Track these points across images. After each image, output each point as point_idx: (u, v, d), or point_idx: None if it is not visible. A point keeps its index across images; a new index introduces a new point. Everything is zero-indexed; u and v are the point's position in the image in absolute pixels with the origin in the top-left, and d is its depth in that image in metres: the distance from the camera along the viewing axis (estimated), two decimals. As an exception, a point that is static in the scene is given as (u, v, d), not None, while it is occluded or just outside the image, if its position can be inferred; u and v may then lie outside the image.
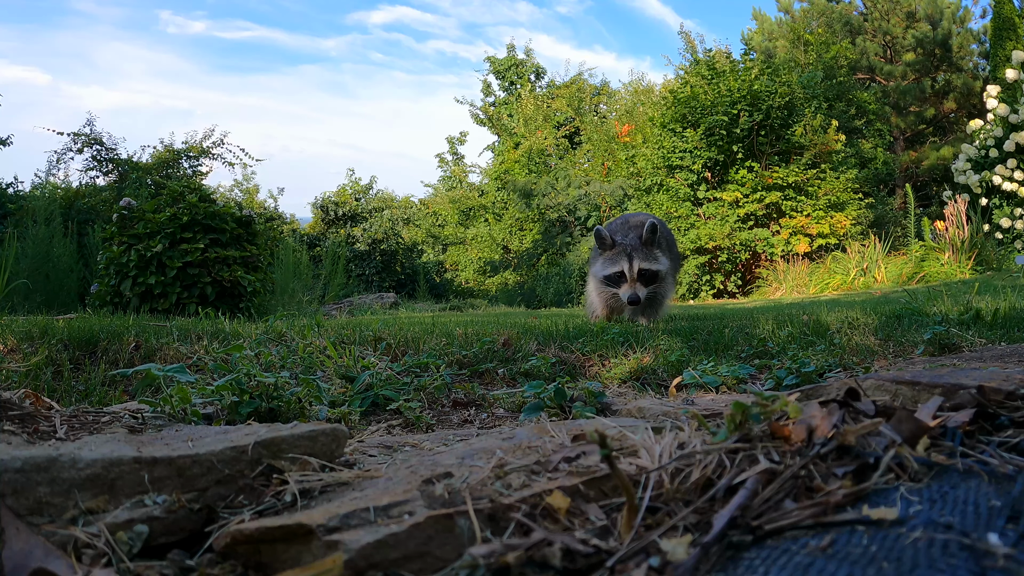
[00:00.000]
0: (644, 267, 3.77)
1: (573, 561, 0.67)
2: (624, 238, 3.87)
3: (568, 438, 1.01)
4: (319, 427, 1.04)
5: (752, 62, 14.56)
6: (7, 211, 9.20)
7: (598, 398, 1.86)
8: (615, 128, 19.56)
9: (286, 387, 1.71)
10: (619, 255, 3.80)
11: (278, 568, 0.75)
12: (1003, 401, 0.92)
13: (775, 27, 21.16)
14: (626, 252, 3.79)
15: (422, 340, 2.77)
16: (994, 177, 11.07)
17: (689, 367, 2.38)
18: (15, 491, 0.80)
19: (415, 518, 0.74)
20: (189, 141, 12.97)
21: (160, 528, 0.83)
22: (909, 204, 11.17)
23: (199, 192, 5.98)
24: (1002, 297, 3.73)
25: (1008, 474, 0.74)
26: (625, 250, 3.80)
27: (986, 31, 18.01)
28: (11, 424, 1.36)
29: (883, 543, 0.63)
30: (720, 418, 1.33)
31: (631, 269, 3.75)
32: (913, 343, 2.72)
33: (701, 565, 0.63)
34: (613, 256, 3.83)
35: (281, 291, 6.97)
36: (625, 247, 3.81)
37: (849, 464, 0.78)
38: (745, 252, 12.76)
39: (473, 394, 2.09)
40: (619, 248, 3.83)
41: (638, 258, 3.77)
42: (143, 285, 5.27)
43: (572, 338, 2.91)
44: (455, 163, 24.04)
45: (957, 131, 19.02)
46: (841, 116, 15.88)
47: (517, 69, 23.47)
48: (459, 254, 20.49)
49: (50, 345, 2.36)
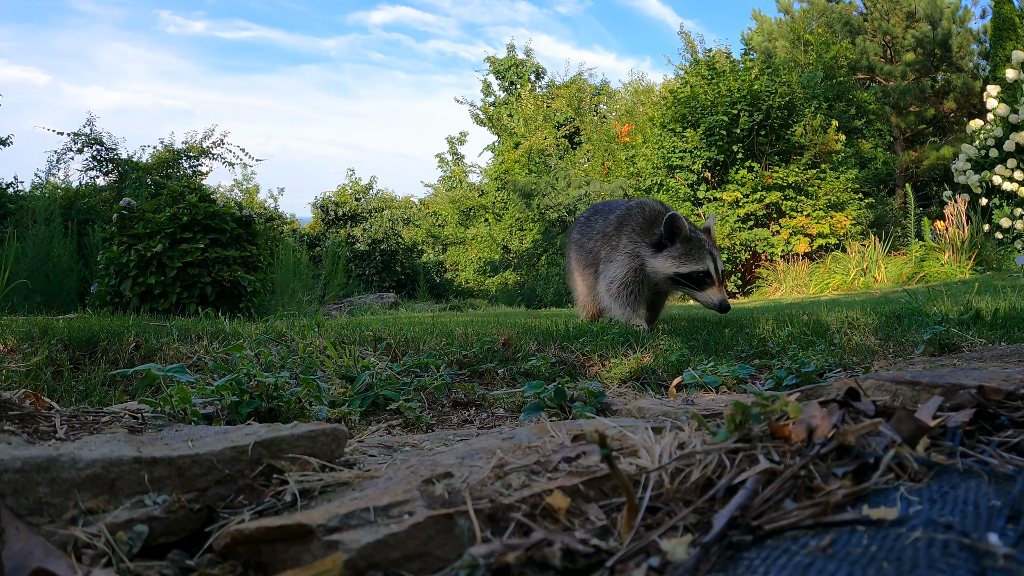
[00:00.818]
0: (722, 268, 3.37)
1: (573, 561, 0.67)
2: (694, 232, 3.39)
3: (568, 438, 1.01)
4: (319, 427, 1.04)
5: (752, 62, 14.57)
6: (7, 211, 9.20)
7: (598, 398, 1.86)
8: (615, 128, 19.57)
9: (286, 387, 1.71)
10: (699, 250, 3.30)
11: (278, 568, 0.75)
12: (1003, 401, 0.92)
13: (775, 27, 21.17)
14: (708, 249, 3.30)
15: (422, 340, 2.77)
16: (994, 177, 11.08)
17: (689, 367, 2.38)
18: (15, 491, 0.80)
19: (415, 518, 0.74)
20: (189, 141, 12.98)
21: (160, 528, 0.83)
22: (909, 204, 11.17)
23: (199, 192, 5.98)
24: (1002, 297, 3.74)
25: (1008, 474, 0.74)
26: (705, 246, 3.31)
27: (986, 31, 18.01)
28: (11, 424, 1.36)
29: (883, 543, 0.63)
30: (720, 418, 1.33)
31: (717, 270, 3.30)
32: (913, 343, 2.72)
33: (701, 565, 0.63)
34: (691, 251, 3.30)
35: (281, 291, 6.97)
36: (704, 243, 3.33)
37: (849, 464, 0.78)
38: (745, 252, 12.76)
39: (473, 394, 2.09)
40: (697, 242, 3.32)
41: (719, 257, 3.35)
42: (143, 285, 5.27)
43: (572, 338, 2.91)
44: (455, 163, 24.03)
45: (957, 131, 19.02)
46: (841, 116, 15.89)
47: (517, 69, 23.47)
48: (459, 254, 20.49)
49: (50, 345, 2.36)
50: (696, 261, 3.30)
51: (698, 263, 3.29)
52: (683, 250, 3.31)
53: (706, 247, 3.30)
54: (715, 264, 3.29)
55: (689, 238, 3.32)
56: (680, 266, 3.31)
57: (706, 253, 3.29)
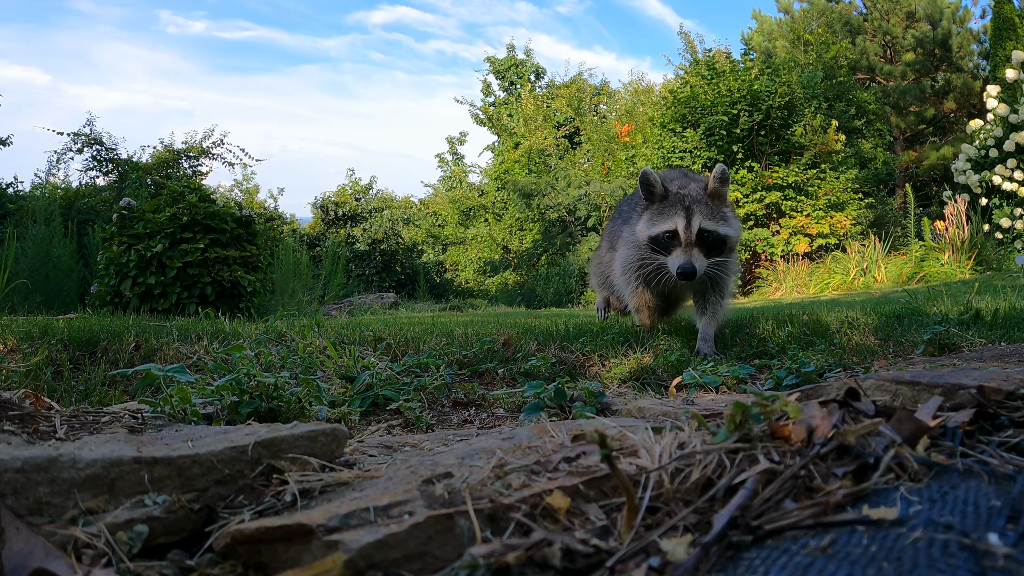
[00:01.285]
0: (707, 227, 2.69)
1: (573, 561, 0.67)
2: (681, 188, 2.81)
3: (568, 438, 1.01)
4: (319, 427, 1.04)
5: (752, 62, 14.56)
6: (7, 211, 9.20)
7: (598, 398, 1.87)
8: (615, 128, 19.56)
9: (286, 387, 1.71)
10: (672, 207, 2.73)
11: (278, 568, 0.75)
12: (1003, 401, 0.92)
13: (775, 27, 21.16)
14: (683, 204, 2.71)
15: (422, 340, 2.78)
16: (994, 177, 11.07)
17: (689, 367, 2.38)
18: (15, 491, 0.80)
19: (415, 518, 0.74)
20: (189, 141, 12.98)
21: (160, 528, 0.83)
22: (909, 204, 11.17)
23: (199, 192, 5.98)
24: (1002, 297, 3.73)
25: (1008, 474, 0.74)
26: (682, 201, 2.72)
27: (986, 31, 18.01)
28: (11, 424, 1.36)
29: (883, 543, 0.63)
30: (720, 418, 1.33)
31: (689, 227, 2.67)
32: (913, 343, 2.72)
33: (701, 565, 0.63)
34: (663, 209, 2.75)
35: (281, 291, 6.97)
36: (682, 197, 2.74)
37: (849, 464, 0.78)
38: (745, 252, 12.75)
39: (473, 394, 2.09)
40: (673, 199, 2.75)
41: (700, 213, 2.69)
42: (143, 285, 5.27)
43: (572, 338, 2.91)
44: (455, 163, 24.02)
45: (957, 131, 19.02)
46: (841, 116, 15.88)
47: (517, 69, 23.46)
48: (459, 254, 20.49)
49: (50, 345, 2.36)
50: (665, 219, 2.71)
51: (665, 221, 2.70)
52: (657, 210, 2.77)
53: (684, 203, 2.71)
54: (687, 221, 2.67)
55: (665, 195, 2.77)
56: (650, 228, 2.76)
57: (679, 209, 2.69)
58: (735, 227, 2.82)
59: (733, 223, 2.82)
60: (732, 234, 2.78)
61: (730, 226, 2.78)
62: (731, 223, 2.80)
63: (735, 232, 2.81)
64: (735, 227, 2.82)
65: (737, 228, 2.84)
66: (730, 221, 2.80)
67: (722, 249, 2.77)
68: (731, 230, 2.78)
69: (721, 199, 2.79)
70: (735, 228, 2.82)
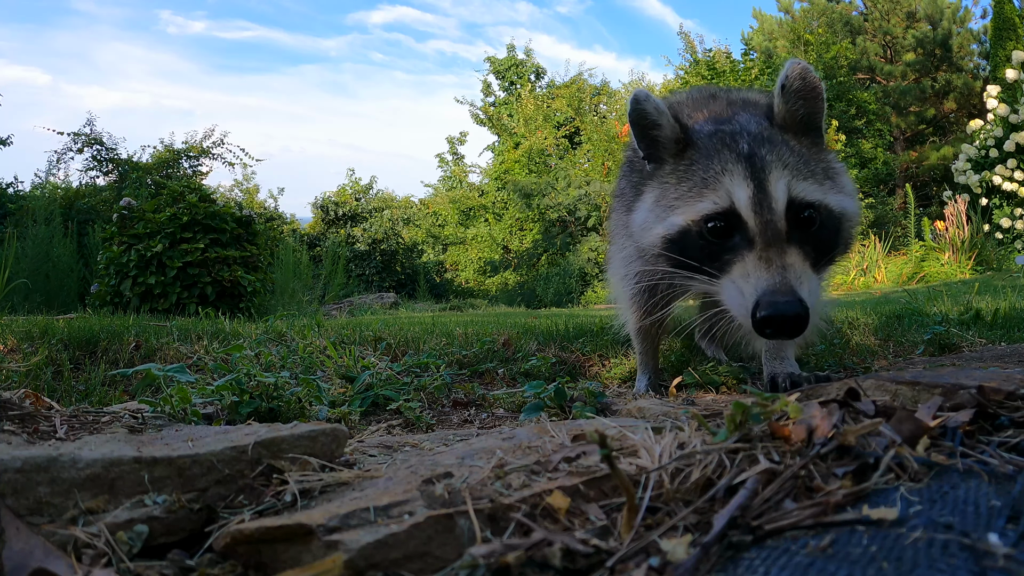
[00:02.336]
0: (806, 194, 1.44)
1: (573, 561, 0.67)
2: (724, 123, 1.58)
3: (568, 438, 1.01)
4: (319, 427, 1.04)
5: (752, 62, 14.57)
6: (7, 211, 9.21)
7: (598, 398, 1.86)
8: (615, 128, 19.54)
9: (286, 387, 1.71)
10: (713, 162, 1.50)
11: (278, 568, 0.75)
12: (1003, 401, 0.92)
13: (775, 27, 21.16)
14: (737, 150, 1.48)
15: (422, 340, 2.78)
16: (994, 177, 11.07)
17: (689, 367, 2.38)
18: (15, 491, 0.80)
19: (415, 518, 0.74)
20: (189, 141, 12.98)
21: (160, 528, 0.83)
22: (909, 204, 11.17)
23: (199, 192, 5.98)
24: (1002, 297, 3.73)
25: (1008, 474, 0.74)
26: (734, 145, 1.49)
27: (986, 31, 18.00)
28: (11, 424, 1.36)
29: (883, 543, 0.63)
30: (720, 418, 1.33)
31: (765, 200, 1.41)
32: (913, 343, 2.72)
33: (701, 565, 0.63)
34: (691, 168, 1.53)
35: (281, 291, 6.97)
36: (733, 137, 1.51)
37: (849, 464, 0.78)
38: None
39: (473, 394, 2.09)
40: (711, 143, 1.53)
41: (781, 164, 1.45)
42: (143, 285, 5.27)
43: (572, 338, 2.91)
44: (455, 163, 24.01)
45: (957, 131, 19.01)
46: (841, 116, 15.88)
47: (517, 69, 23.46)
48: (459, 254, 20.48)
49: (50, 345, 2.36)
50: (697, 192, 1.49)
51: (699, 196, 1.48)
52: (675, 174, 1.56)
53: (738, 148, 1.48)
54: (757, 185, 1.42)
55: (688, 140, 1.56)
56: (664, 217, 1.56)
57: (731, 163, 1.47)
58: (851, 191, 1.59)
59: (847, 184, 1.58)
60: (850, 208, 1.54)
61: (844, 191, 1.55)
62: (844, 183, 1.56)
63: (854, 203, 1.57)
64: (851, 191, 1.59)
65: (854, 193, 1.60)
66: (841, 179, 1.56)
67: (836, 241, 1.53)
68: (848, 199, 1.54)
69: (814, 132, 1.57)
70: (852, 193, 1.58)
